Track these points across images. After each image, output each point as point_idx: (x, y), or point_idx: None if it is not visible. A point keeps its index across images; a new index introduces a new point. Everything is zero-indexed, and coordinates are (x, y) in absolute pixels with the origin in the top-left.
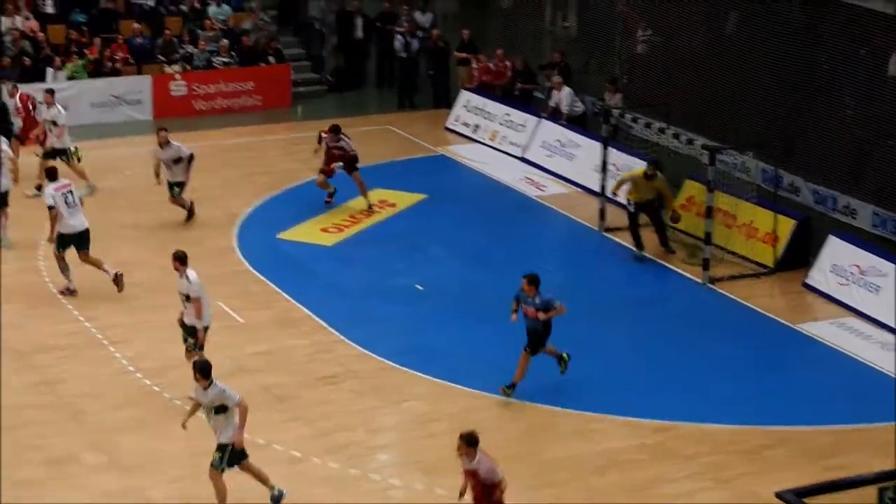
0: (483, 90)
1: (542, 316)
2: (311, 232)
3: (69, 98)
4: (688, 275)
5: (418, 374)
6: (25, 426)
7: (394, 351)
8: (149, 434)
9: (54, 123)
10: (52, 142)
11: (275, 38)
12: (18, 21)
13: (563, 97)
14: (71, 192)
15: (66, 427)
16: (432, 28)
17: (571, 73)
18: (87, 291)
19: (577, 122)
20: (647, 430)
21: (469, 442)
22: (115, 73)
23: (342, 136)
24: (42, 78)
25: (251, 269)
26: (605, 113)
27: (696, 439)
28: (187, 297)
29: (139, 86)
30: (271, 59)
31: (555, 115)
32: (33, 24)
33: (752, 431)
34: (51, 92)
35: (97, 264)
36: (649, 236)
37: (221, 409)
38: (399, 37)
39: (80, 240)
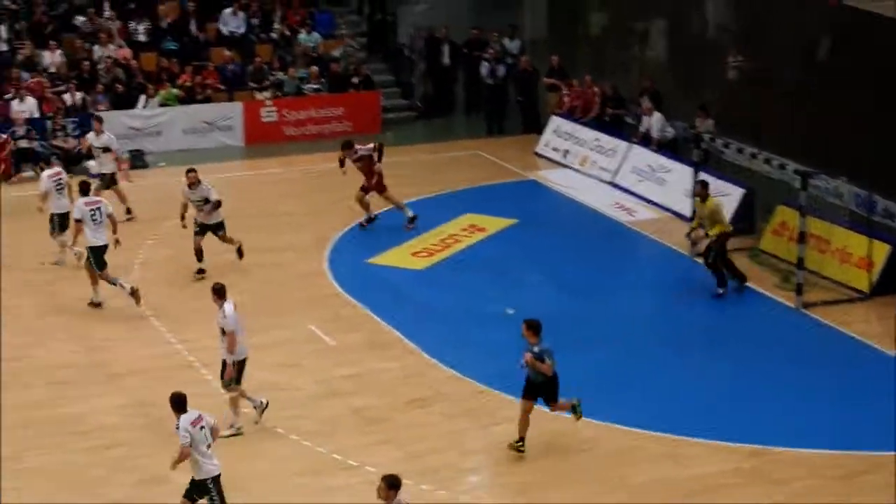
0: (573, 115)
1: (527, 358)
2: (402, 256)
3: (162, 124)
4: (781, 300)
5: (509, 397)
6: (117, 447)
7: (485, 374)
8: (239, 455)
9: (105, 150)
10: (107, 168)
11: (364, 65)
12: (112, 49)
13: (654, 122)
14: (99, 209)
15: (158, 448)
16: (521, 54)
17: (662, 98)
18: (178, 314)
19: (667, 147)
20: (742, 455)
21: (390, 485)
22: (207, 99)
23: (357, 147)
24: (134, 105)
25: (342, 292)
26: (696, 138)
27: (792, 463)
28: (223, 331)
29: (230, 112)
30: (361, 85)
31: (645, 140)
32: (126, 52)
33: (849, 457)
34: (99, 120)
35: (95, 280)
36: (743, 263)
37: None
38: (485, 63)
39: (97, 254)
